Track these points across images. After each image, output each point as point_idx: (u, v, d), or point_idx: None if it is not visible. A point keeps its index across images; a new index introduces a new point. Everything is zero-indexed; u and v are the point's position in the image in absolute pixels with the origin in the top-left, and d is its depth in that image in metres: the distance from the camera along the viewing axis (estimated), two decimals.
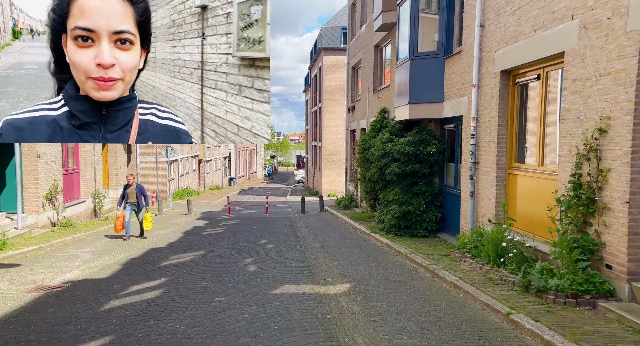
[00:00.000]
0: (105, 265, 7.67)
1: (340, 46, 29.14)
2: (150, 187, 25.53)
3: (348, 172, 20.92)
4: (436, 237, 9.33)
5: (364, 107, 17.04)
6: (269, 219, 15.95)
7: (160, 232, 12.54)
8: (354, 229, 12.21)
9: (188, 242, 10.39)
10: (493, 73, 6.92)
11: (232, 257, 8.28)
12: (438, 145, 9.32)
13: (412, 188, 9.56)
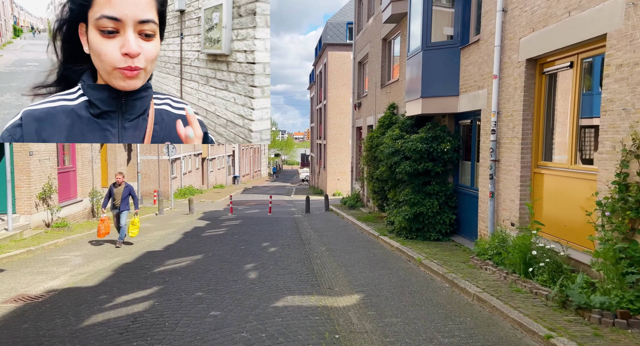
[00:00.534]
0: (95, 271, 7.13)
1: (346, 41, 28.48)
2: (151, 186, 25.07)
3: (354, 171, 20.31)
4: (451, 241, 8.71)
5: (371, 103, 16.42)
6: (273, 219, 15.39)
7: (158, 233, 12.01)
8: (361, 231, 11.61)
9: (186, 245, 9.84)
10: (517, 62, 6.29)
11: (232, 262, 7.71)
12: (453, 142, 8.69)
13: (424, 188, 8.94)
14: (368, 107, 16.96)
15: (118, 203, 9.62)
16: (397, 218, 9.17)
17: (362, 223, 12.35)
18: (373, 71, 15.99)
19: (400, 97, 12.46)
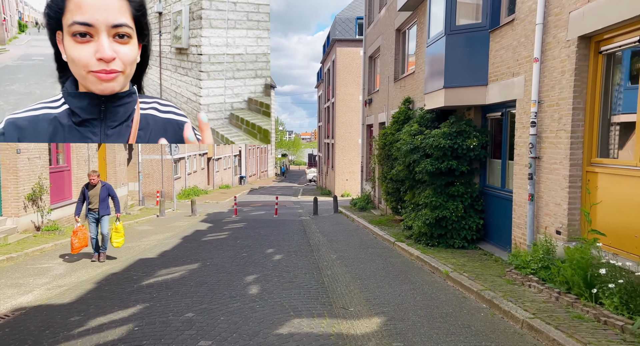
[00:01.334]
0: (75, 283, 6.29)
1: (355, 37, 27.54)
2: (154, 186, 24.34)
3: (364, 171, 19.37)
4: (477, 249, 7.74)
5: (383, 99, 15.47)
6: (279, 222, 14.51)
7: (156, 237, 11.18)
8: (374, 235, 10.67)
9: (184, 251, 8.98)
10: (565, 41, 5.32)
11: (231, 273, 6.83)
12: (480, 137, 7.73)
13: (447, 190, 7.99)
14: (380, 103, 16.02)
15: (96, 206, 7.93)
16: (416, 222, 8.22)
17: (375, 227, 11.41)
18: (385, 64, 15.04)
19: (416, 91, 11.51)
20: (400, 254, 8.20)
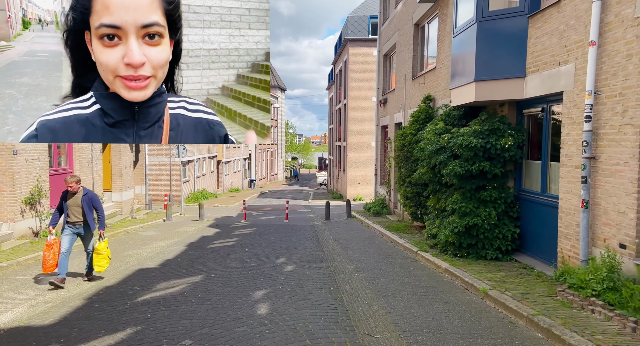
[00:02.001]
0: (63, 299, 5.60)
1: (369, 37, 26.81)
2: (162, 190, 23.82)
3: (378, 174, 18.56)
4: (513, 261, 6.90)
5: (399, 98, 14.68)
6: (289, 227, 13.76)
7: (160, 243, 10.51)
8: (393, 244, 9.86)
9: (188, 260, 8.28)
10: (632, 19, 4.50)
11: (238, 287, 6.09)
12: (515, 136, 6.90)
13: (478, 194, 7.17)
14: (396, 103, 15.22)
15: (75, 219, 6.43)
16: (444, 231, 7.39)
17: (393, 234, 10.60)
18: (402, 62, 14.26)
19: (437, 88, 10.71)
20: (425, 266, 7.38)
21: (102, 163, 15.09)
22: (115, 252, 9.26)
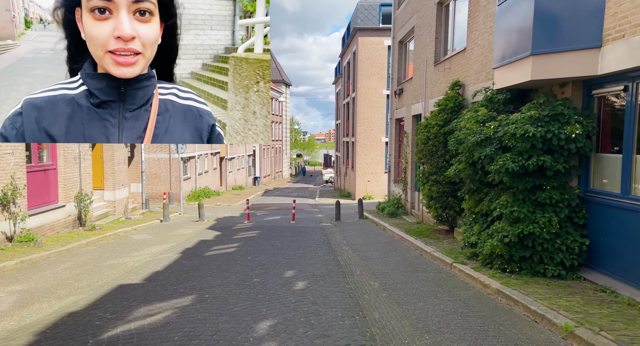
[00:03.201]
0: (8, 332, 4.32)
1: (379, 26, 25.36)
2: (161, 187, 22.59)
3: (392, 171, 17.20)
4: (581, 279, 5.53)
5: (418, 87, 13.29)
6: (297, 230, 12.45)
7: (151, 250, 9.23)
8: (418, 251, 8.51)
9: (179, 273, 6.99)
10: None
11: (237, 316, 4.78)
12: (584, 123, 5.53)
13: (533, 196, 5.81)
14: (414, 93, 13.83)
15: None
16: (489, 240, 6.04)
17: (417, 240, 9.25)
18: (422, 47, 12.86)
19: (467, 72, 9.33)
20: (468, 284, 6.03)
21: (93, 159, 13.84)
22: (97, 260, 7.99)
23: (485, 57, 8.41)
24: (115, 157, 14.31)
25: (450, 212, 9.48)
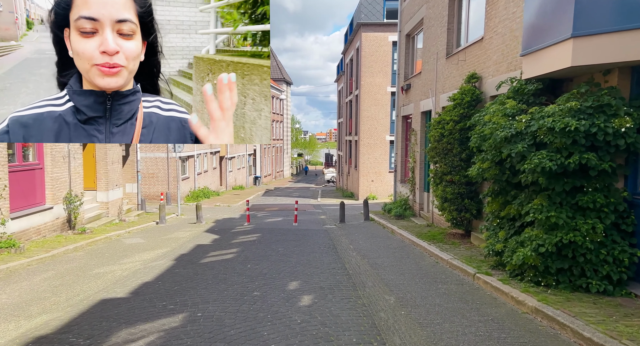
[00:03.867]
0: None
1: (383, 21, 24.61)
2: (159, 188, 21.88)
3: (398, 171, 16.47)
4: (634, 296, 4.81)
5: (428, 82, 12.56)
6: (300, 233, 11.74)
7: (142, 256, 8.52)
8: (434, 259, 7.79)
9: (171, 284, 6.27)
10: None
11: (233, 342, 4.05)
12: (635, 116, 4.80)
13: (573, 199, 5.08)
14: (423, 88, 13.10)
15: None
16: (520, 249, 5.31)
17: (431, 245, 8.54)
18: (432, 39, 12.13)
19: (486, 63, 8.60)
20: (497, 299, 5.30)
21: (84, 158, 13.14)
22: (82, 269, 7.28)
23: (507, 46, 7.68)
24: (108, 156, 13.60)
25: (467, 215, 8.75)
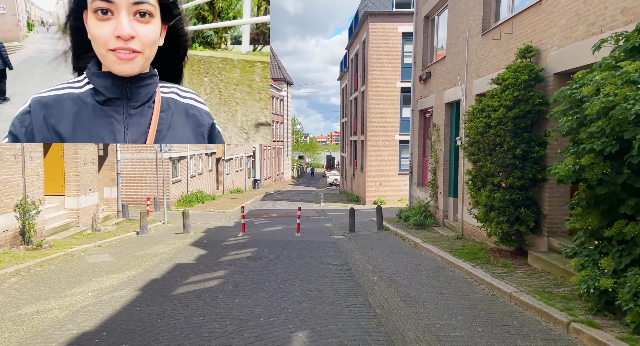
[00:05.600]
0: None
1: (392, 10, 22.69)
2: (147, 192, 19.87)
3: (415, 172, 14.49)
4: None
5: (455, 67, 10.60)
6: (304, 246, 9.74)
7: (102, 282, 6.54)
8: (489, 290, 5.79)
9: (118, 337, 4.27)
10: None
11: None
12: None
13: None
14: (447, 75, 11.13)
15: None
16: None
17: (476, 269, 6.55)
18: (462, 14, 10.18)
19: (544, 34, 6.65)
20: None
21: (50, 157, 11.17)
22: (5, 307, 5.27)
23: (585, 2, 5.71)
24: (79, 156, 11.61)
25: (521, 228, 6.76)
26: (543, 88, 6.68)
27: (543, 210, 6.74)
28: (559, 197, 6.61)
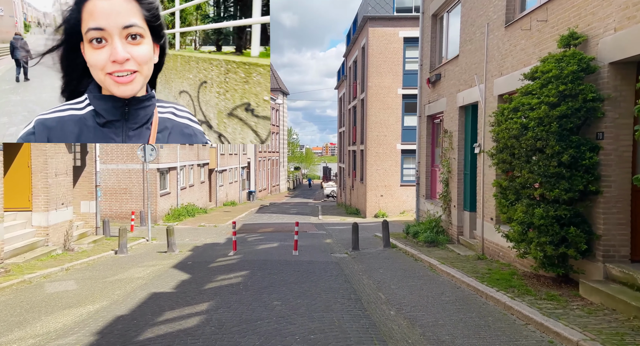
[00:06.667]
0: None
1: (393, 14, 21.76)
2: (132, 206, 18.50)
3: (423, 183, 13.30)
4: None
5: (471, 66, 9.50)
6: (302, 268, 8.45)
7: (52, 323, 5.23)
8: (543, 334, 4.53)
9: None
10: None
11: None
12: None
13: None
14: (462, 75, 10.03)
15: None
16: None
17: (516, 302, 5.31)
18: (478, 8, 9.13)
19: (593, 17, 5.55)
20: None
21: (15, 168, 9.88)
22: None
23: None
24: (50, 166, 10.31)
25: (570, 252, 5.52)
26: (594, 81, 5.54)
27: (596, 229, 5.53)
28: (617, 214, 5.42)
